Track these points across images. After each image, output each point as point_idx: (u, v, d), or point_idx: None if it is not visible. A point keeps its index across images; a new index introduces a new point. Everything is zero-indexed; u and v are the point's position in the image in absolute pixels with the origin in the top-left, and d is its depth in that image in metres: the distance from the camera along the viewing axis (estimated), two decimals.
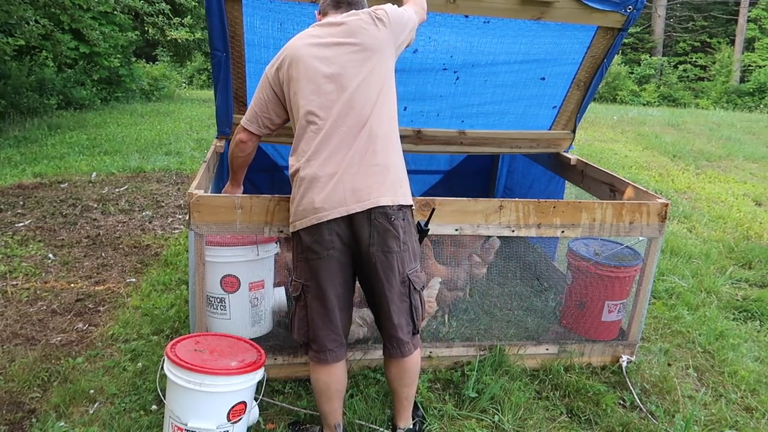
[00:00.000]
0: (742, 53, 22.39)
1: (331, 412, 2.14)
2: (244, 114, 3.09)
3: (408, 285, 2.06)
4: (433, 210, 2.42)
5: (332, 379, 2.10)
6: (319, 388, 2.12)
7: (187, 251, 3.52)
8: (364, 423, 2.32)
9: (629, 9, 2.75)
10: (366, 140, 1.98)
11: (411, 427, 2.26)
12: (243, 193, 2.48)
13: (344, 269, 2.04)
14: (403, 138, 3.31)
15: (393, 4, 2.21)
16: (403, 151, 3.46)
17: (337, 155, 1.97)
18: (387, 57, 2.09)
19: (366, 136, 1.98)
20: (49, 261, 3.88)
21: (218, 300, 2.55)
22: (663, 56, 24.12)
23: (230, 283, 2.53)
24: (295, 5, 2.58)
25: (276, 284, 2.79)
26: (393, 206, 1.97)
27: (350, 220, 1.95)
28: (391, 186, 1.99)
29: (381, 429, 2.30)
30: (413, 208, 2.10)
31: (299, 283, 2.07)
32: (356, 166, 1.96)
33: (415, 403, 2.43)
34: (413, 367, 2.16)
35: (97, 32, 9.97)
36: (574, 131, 3.52)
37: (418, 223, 2.20)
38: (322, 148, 1.98)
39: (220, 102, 2.93)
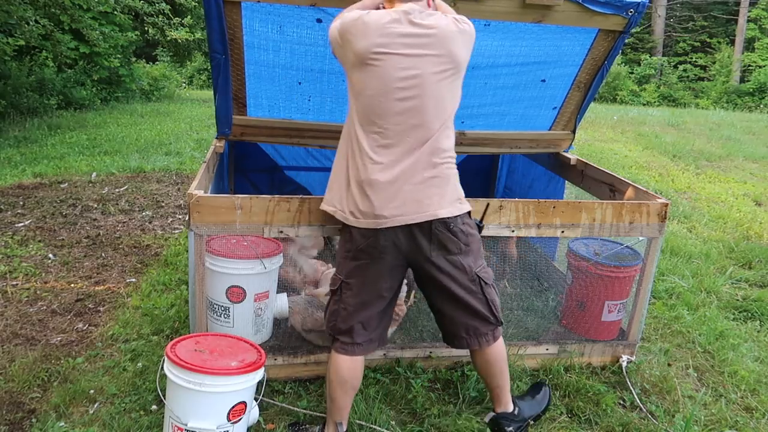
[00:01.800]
0: (742, 53, 22.39)
1: (342, 408, 2.15)
2: (244, 115, 3.12)
3: (478, 282, 2.10)
4: (488, 206, 2.46)
5: (353, 371, 2.13)
6: (338, 378, 2.12)
7: (187, 251, 3.52)
8: (364, 423, 2.32)
9: (630, 12, 2.74)
10: (429, 152, 2.00)
11: (508, 411, 2.28)
12: (243, 193, 2.49)
13: (393, 275, 2.08)
14: None
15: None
16: None
17: (401, 164, 1.98)
18: (462, 72, 2.07)
19: (430, 148, 2.00)
20: (49, 261, 3.88)
21: (222, 308, 2.55)
22: (663, 56, 24.12)
23: (236, 294, 2.53)
24: (294, 8, 2.57)
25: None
26: (450, 217, 2.01)
27: (409, 228, 1.99)
28: (450, 197, 2.03)
29: (381, 429, 2.30)
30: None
31: (340, 279, 2.10)
32: (419, 176, 1.98)
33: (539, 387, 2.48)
34: (496, 357, 2.20)
35: (97, 32, 9.96)
36: (574, 131, 3.52)
37: (475, 220, 2.23)
38: (386, 154, 1.98)
39: (219, 103, 2.93)
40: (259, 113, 3.14)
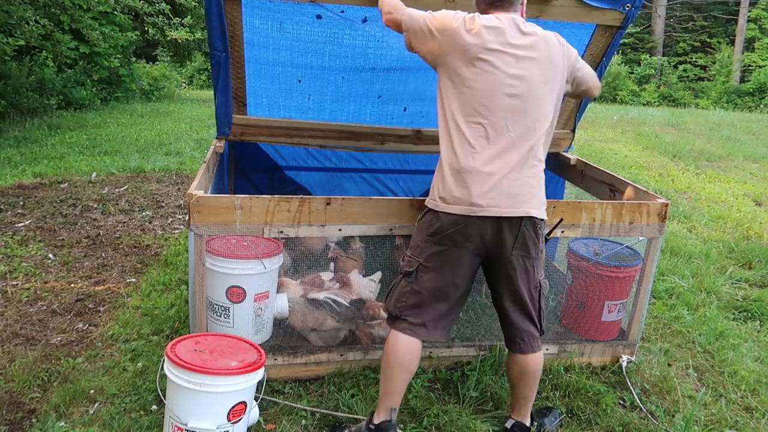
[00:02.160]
0: (742, 53, 22.38)
1: (398, 392, 2.16)
2: (243, 114, 3.12)
3: (539, 290, 2.17)
4: (561, 221, 2.49)
5: (412, 353, 2.14)
6: (396, 361, 2.13)
7: (187, 251, 3.52)
8: None
9: (627, 7, 2.75)
10: (527, 152, 2.06)
11: (526, 424, 2.30)
12: (243, 193, 2.48)
13: (470, 265, 2.12)
14: (403, 138, 3.32)
15: None
16: (403, 151, 3.49)
17: (502, 157, 2.03)
18: (558, 83, 2.13)
19: (530, 149, 2.06)
20: (49, 261, 3.88)
21: (222, 308, 2.55)
22: (663, 56, 24.11)
23: (236, 294, 2.53)
24: (294, 5, 2.57)
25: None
26: (539, 218, 2.08)
27: (499, 221, 2.02)
28: (540, 199, 2.10)
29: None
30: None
31: (418, 261, 2.12)
32: (515, 173, 2.03)
33: (550, 409, 2.46)
34: (536, 368, 2.23)
35: (97, 32, 9.96)
36: (573, 131, 3.52)
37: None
38: (488, 146, 2.03)
39: (219, 102, 2.93)
40: (259, 112, 3.14)
